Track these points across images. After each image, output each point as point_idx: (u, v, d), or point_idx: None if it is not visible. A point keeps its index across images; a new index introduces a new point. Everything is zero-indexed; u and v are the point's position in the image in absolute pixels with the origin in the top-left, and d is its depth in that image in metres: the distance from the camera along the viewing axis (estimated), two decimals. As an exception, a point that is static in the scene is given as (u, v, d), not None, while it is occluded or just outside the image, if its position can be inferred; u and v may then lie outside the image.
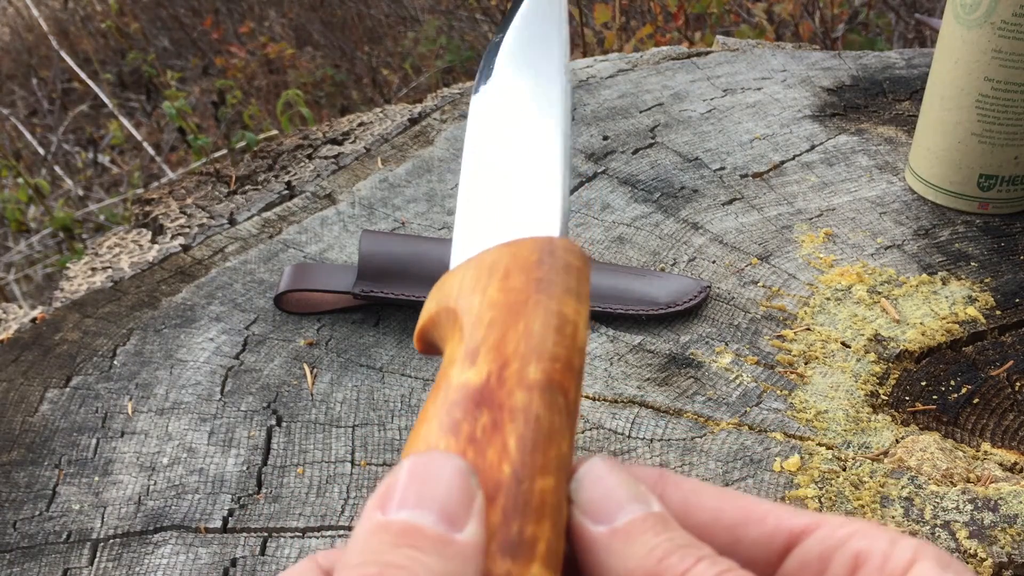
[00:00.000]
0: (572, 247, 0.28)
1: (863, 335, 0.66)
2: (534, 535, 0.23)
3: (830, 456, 0.57)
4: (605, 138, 0.90)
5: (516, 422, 0.25)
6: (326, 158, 0.89)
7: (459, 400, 0.25)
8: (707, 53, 1.06)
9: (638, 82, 0.99)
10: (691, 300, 0.68)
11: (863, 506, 0.54)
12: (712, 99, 0.95)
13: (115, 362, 0.66)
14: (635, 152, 0.87)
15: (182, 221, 0.81)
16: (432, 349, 0.30)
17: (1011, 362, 0.64)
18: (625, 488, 0.25)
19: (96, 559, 0.53)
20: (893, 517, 0.53)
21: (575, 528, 0.25)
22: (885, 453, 0.57)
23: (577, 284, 0.27)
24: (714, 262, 0.73)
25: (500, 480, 0.24)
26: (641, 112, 0.94)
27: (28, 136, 2.51)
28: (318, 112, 2.41)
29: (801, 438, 0.59)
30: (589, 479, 0.25)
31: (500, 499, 0.24)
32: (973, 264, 0.72)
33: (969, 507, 0.53)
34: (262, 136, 1.70)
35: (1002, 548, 0.51)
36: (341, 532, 0.54)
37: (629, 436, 0.59)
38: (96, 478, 0.58)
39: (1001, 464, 0.57)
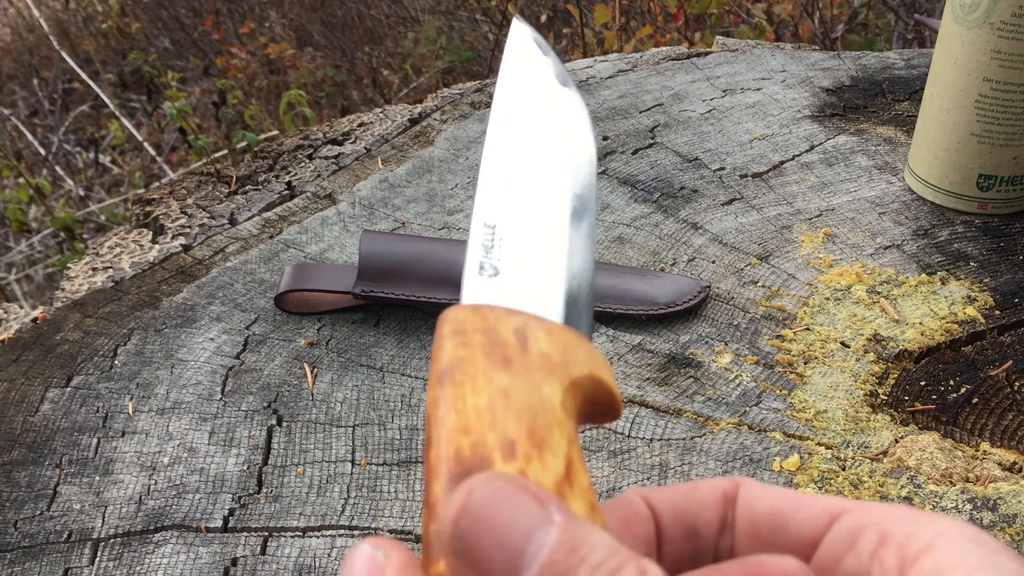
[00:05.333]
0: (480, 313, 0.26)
1: (862, 335, 0.66)
2: None
3: (829, 456, 0.57)
4: (605, 138, 0.90)
5: None
6: (326, 158, 0.89)
7: None
8: (707, 53, 1.06)
9: (638, 82, 0.99)
10: (691, 300, 0.68)
11: (862, 506, 0.54)
12: (712, 99, 0.96)
13: (116, 362, 0.66)
14: (635, 152, 0.88)
15: (183, 221, 0.81)
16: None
17: (1010, 362, 0.64)
18: (520, 521, 0.21)
19: (97, 559, 0.53)
20: (892, 516, 0.53)
21: None
22: (884, 453, 0.58)
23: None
24: (714, 262, 0.73)
25: None
26: (641, 112, 0.94)
27: (29, 136, 2.51)
28: (319, 112, 2.41)
29: (800, 438, 0.59)
30: (475, 532, 0.21)
31: None
32: (972, 264, 0.72)
33: (968, 507, 0.53)
34: (263, 136, 1.70)
35: (1001, 547, 0.51)
36: (341, 531, 0.54)
37: (629, 436, 0.59)
38: (97, 478, 0.58)
39: (1000, 464, 0.57)
